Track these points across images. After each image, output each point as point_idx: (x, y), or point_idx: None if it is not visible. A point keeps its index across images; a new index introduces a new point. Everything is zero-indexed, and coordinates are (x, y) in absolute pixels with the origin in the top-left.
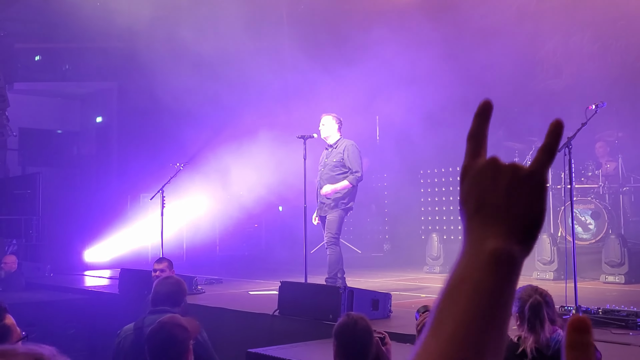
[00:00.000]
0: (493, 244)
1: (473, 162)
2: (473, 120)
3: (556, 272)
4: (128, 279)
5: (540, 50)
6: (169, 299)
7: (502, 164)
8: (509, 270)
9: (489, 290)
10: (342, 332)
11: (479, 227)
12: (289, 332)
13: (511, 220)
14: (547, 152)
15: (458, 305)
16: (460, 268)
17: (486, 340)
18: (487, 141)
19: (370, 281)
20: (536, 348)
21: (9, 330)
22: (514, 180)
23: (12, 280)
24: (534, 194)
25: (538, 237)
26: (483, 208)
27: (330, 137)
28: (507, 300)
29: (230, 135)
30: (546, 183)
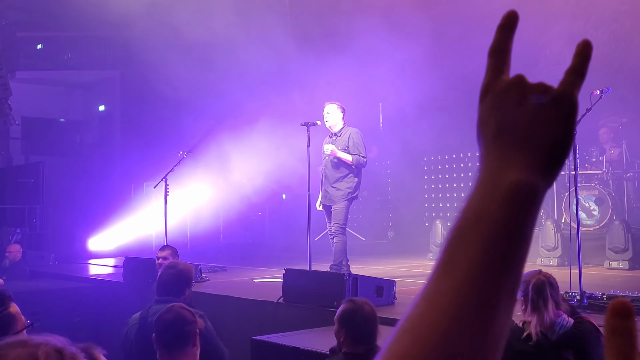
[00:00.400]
0: (514, 174)
1: (496, 79)
2: (496, 33)
3: (560, 259)
4: (132, 267)
5: (544, 35)
6: (173, 288)
7: (529, 83)
8: (530, 204)
9: (508, 227)
10: (350, 318)
11: (498, 154)
12: (293, 319)
13: (535, 147)
14: (577, 73)
15: (474, 245)
16: (476, 201)
17: (504, 281)
18: (511, 57)
19: (375, 268)
20: (541, 332)
21: (14, 319)
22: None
23: (16, 269)
24: (562, 118)
25: (562, 167)
26: (505, 132)
27: (335, 125)
28: (527, 237)
29: (233, 123)
30: (577, 106)
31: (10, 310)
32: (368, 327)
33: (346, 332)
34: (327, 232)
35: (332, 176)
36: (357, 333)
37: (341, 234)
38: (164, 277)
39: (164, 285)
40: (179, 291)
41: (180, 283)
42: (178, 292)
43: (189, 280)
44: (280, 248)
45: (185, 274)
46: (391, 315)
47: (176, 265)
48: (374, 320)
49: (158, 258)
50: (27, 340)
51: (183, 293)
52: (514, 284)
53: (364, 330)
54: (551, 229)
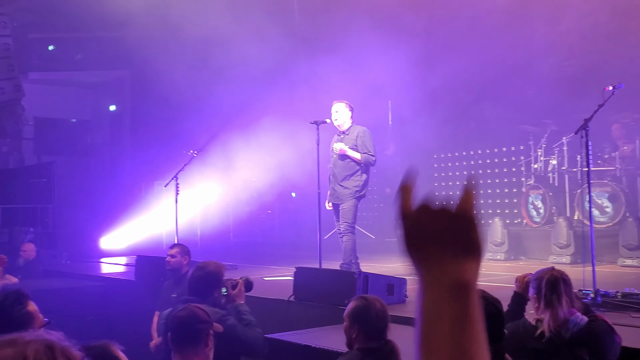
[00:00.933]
0: (448, 276)
1: (408, 208)
2: (400, 188)
3: (573, 256)
4: (144, 266)
5: (554, 30)
6: (200, 289)
7: (434, 207)
8: (471, 295)
9: (462, 320)
10: (363, 315)
11: (429, 262)
12: (304, 317)
13: (454, 250)
14: (468, 200)
15: (444, 345)
16: (431, 304)
17: (479, 351)
18: (415, 192)
19: (385, 266)
20: (555, 330)
21: (32, 317)
22: (447, 218)
23: (30, 268)
24: (467, 226)
25: (482, 257)
26: (428, 240)
27: (343, 124)
28: (478, 319)
29: (243, 122)
30: (473, 217)
31: (29, 309)
32: (380, 323)
33: (359, 328)
34: (336, 231)
35: (340, 174)
36: (370, 329)
37: (350, 232)
38: (193, 278)
39: (192, 285)
40: (206, 292)
41: (208, 285)
42: (205, 293)
43: (218, 281)
44: (290, 246)
45: (213, 275)
46: (403, 313)
47: (206, 267)
48: (386, 316)
49: (168, 256)
50: (16, 338)
51: (211, 294)
52: (485, 348)
53: (376, 326)
54: (564, 226)
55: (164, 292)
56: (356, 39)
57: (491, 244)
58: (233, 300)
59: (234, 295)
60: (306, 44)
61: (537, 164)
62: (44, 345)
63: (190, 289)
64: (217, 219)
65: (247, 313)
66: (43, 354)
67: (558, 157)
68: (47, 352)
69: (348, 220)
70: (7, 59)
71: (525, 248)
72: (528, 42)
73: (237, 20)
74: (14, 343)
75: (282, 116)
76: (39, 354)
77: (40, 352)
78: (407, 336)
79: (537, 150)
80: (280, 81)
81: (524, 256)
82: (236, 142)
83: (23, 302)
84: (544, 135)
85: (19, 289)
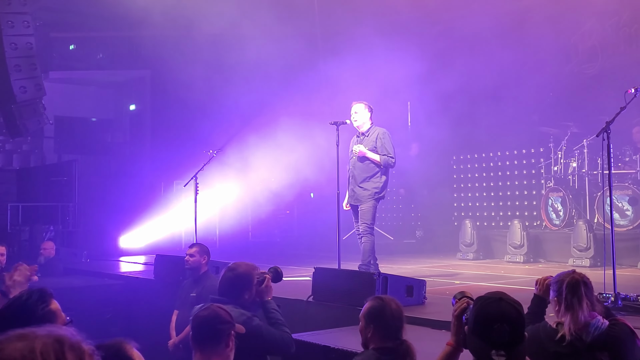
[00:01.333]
0: None
1: None
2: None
3: (592, 259)
4: (163, 265)
5: (575, 33)
6: (230, 291)
7: None
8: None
9: None
10: (379, 315)
11: None
12: (323, 318)
13: None
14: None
15: None
16: None
17: None
18: None
19: (404, 267)
20: (575, 333)
21: (55, 315)
22: None
23: (50, 266)
24: None
25: None
26: None
27: (363, 125)
28: None
29: (262, 122)
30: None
31: (52, 307)
32: (396, 322)
33: (375, 328)
34: (355, 232)
35: (359, 176)
36: (386, 329)
37: (369, 233)
38: (223, 279)
39: (222, 287)
40: (236, 294)
41: (238, 286)
42: (235, 295)
43: (249, 283)
44: (308, 247)
45: (243, 277)
46: (422, 315)
47: (236, 268)
48: (402, 316)
49: (187, 255)
50: (27, 333)
51: (241, 296)
52: None
53: (392, 326)
54: (583, 230)
55: (182, 291)
56: (374, 41)
57: (510, 247)
58: (260, 297)
59: (260, 291)
60: (325, 44)
61: (557, 167)
62: (53, 340)
63: (220, 290)
64: (235, 218)
65: (275, 311)
66: (51, 348)
67: (578, 160)
68: (55, 346)
69: (367, 221)
70: (30, 58)
71: (545, 251)
72: (549, 44)
73: (255, 20)
74: (24, 337)
75: (300, 116)
76: (47, 348)
77: (48, 346)
78: (425, 337)
79: (558, 153)
80: (299, 81)
81: (543, 259)
82: (255, 142)
83: (46, 300)
84: (564, 137)
85: (42, 288)
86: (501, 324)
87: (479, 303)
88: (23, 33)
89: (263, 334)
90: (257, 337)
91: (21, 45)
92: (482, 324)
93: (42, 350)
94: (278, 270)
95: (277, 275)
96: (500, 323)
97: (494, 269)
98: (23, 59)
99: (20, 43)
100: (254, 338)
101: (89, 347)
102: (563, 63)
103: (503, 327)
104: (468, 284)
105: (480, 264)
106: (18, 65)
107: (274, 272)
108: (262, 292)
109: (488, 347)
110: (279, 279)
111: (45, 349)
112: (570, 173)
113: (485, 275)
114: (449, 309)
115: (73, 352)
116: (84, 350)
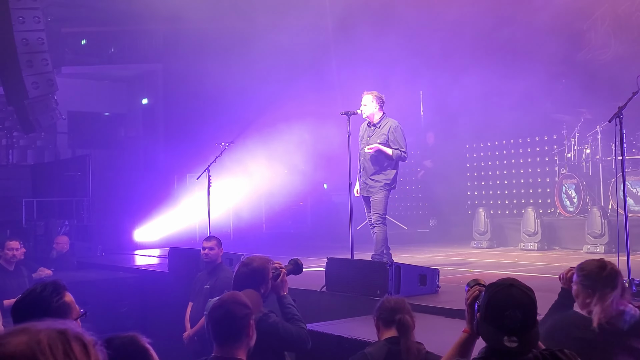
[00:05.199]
0: None
1: None
2: None
3: (607, 246)
4: (177, 258)
5: (588, 19)
6: (243, 287)
7: None
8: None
9: None
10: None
11: None
12: (336, 308)
13: None
14: None
15: None
16: None
17: None
18: None
19: (417, 257)
20: (609, 321)
21: (69, 308)
22: None
23: (63, 260)
24: None
25: None
26: None
27: (373, 116)
28: None
29: (274, 113)
30: None
31: (66, 300)
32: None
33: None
34: (367, 222)
35: (370, 168)
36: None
37: (382, 223)
38: (238, 274)
39: (237, 282)
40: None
41: (253, 281)
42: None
43: (264, 277)
44: (322, 237)
45: (259, 272)
46: (435, 303)
47: (251, 263)
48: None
49: (204, 248)
50: (28, 327)
51: (257, 291)
52: None
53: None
54: (597, 216)
55: (196, 283)
56: (388, 30)
57: (524, 234)
58: (276, 292)
59: (276, 286)
60: (336, 35)
61: (570, 153)
62: (56, 332)
63: (235, 285)
64: (249, 210)
65: (291, 306)
66: (57, 339)
67: (592, 146)
68: (60, 337)
69: (379, 211)
70: (41, 54)
71: (559, 238)
72: (562, 30)
73: (268, 13)
74: (27, 331)
75: (312, 107)
76: (53, 339)
77: (54, 337)
78: (439, 326)
79: (571, 139)
80: (311, 72)
81: (558, 246)
82: (268, 134)
83: (60, 292)
84: (577, 124)
85: (56, 280)
86: (512, 310)
87: (490, 290)
88: (34, 28)
89: (279, 331)
90: (273, 335)
91: (32, 40)
92: (493, 310)
93: (48, 342)
94: (298, 262)
95: (297, 268)
96: (511, 309)
97: (508, 257)
98: (34, 54)
99: (32, 39)
100: (271, 336)
101: (91, 339)
102: (576, 49)
103: (514, 313)
104: (482, 272)
105: (494, 252)
106: (30, 61)
107: (294, 265)
108: (277, 287)
109: (500, 333)
110: (299, 272)
111: (52, 341)
112: (584, 159)
113: (499, 263)
114: (462, 297)
115: (77, 342)
116: (88, 341)
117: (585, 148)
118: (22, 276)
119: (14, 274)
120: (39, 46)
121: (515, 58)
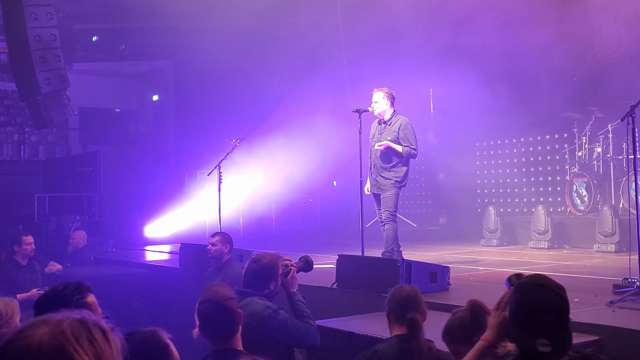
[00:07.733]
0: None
1: None
2: None
3: (618, 245)
4: (188, 254)
5: (600, 17)
6: (255, 282)
7: None
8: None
9: None
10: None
11: None
12: (347, 304)
13: None
14: None
15: None
16: None
17: None
18: None
19: (427, 254)
20: None
21: (90, 309)
22: None
23: (80, 255)
24: None
25: None
26: None
27: (384, 113)
28: None
29: (285, 110)
30: None
31: (87, 300)
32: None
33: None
34: (377, 219)
35: (380, 166)
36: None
37: (392, 221)
38: (248, 271)
39: (247, 278)
40: (261, 285)
41: (263, 278)
42: (260, 286)
43: (274, 274)
44: (332, 234)
45: (268, 268)
46: (446, 301)
47: (261, 259)
48: (417, 299)
49: (209, 244)
50: (47, 318)
51: (267, 287)
52: None
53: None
54: (608, 215)
55: (206, 279)
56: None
57: (534, 233)
58: (286, 288)
59: (286, 283)
60: (347, 33)
61: (581, 152)
62: (76, 321)
63: (245, 281)
64: (259, 207)
65: (301, 303)
66: (79, 327)
67: (603, 145)
68: (81, 325)
69: (389, 208)
70: (53, 50)
71: (569, 236)
72: (573, 29)
73: (280, 9)
74: (47, 322)
75: (323, 105)
76: (75, 328)
77: (76, 326)
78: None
79: (582, 138)
80: (321, 69)
81: (568, 244)
82: (278, 131)
83: (82, 292)
84: (588, 122)
85: (80, 280)
86: (543, 313)
87: (520, 291)
88: (46, 25)
89: (289, 328)
90: (283, 332)
91: (45, 37)
92: (523, 314)
93: (72, 331)
94: (309, 259)
95: (308, 265)
96: (542, 312)
97: (518, 255)
98: (47, 50)
99: (44, 35)
100: (280, 332)
101: (109, 325)
102: (587, 47)
103: (546, 316)
104: (492, 270)
105: (504, 250)
106: (42, 57)
107: (305, 262)
108: (287, 284)
109: (531, 337)
110: (309, 269)
111: (75, 330)
112: (595, 158)
113: (509, 262)
114: (472, 295)
115: (97, 329)
116: (106, 328)
117: (596, 147)
118: (35, 271)
119: (27, 269)
120: (51, 42)
121: (528, 53)
